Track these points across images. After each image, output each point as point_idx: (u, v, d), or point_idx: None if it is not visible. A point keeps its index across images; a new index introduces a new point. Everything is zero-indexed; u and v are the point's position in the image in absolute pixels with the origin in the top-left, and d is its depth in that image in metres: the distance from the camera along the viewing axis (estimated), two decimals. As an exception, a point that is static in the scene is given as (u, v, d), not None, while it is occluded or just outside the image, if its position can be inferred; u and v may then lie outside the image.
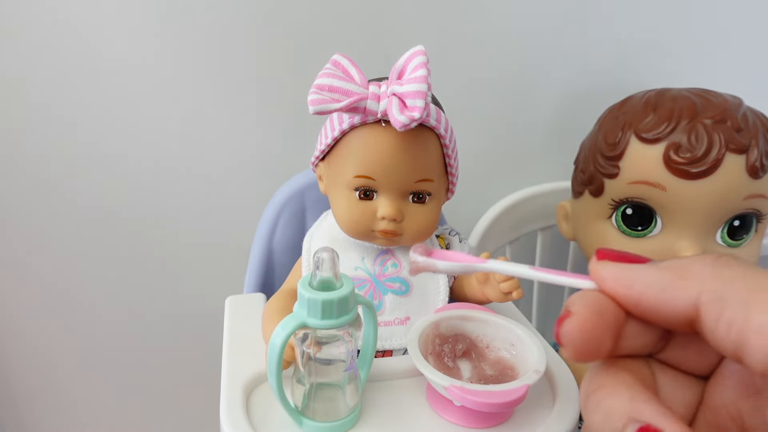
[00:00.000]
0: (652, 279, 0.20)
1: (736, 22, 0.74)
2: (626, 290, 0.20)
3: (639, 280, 0.20)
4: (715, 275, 0.19)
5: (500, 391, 0.33)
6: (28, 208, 0.64)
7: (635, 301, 0.20)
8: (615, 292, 0.20)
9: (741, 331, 0.17)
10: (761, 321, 0.17)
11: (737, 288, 0.18)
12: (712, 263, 0.19)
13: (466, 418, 0.36)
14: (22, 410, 0.76)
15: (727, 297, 0.18)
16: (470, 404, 0.33)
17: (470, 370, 0.38)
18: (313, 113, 0.39)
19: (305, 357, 0.34)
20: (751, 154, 0.49)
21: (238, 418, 0.36)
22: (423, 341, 0.39)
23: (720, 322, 0.18)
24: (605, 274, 0.21)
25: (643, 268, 0.20)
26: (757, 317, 0.17)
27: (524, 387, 0.33)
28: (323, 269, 0.32)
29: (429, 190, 0.44)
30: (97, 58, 0.59)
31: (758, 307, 0.17)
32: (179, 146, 0.65)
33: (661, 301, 0.19)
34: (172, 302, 0.73)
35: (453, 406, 0.36)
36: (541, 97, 0.73)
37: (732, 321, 0.18)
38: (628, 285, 0.20)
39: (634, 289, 0.20)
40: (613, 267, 0.21)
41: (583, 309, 0.20)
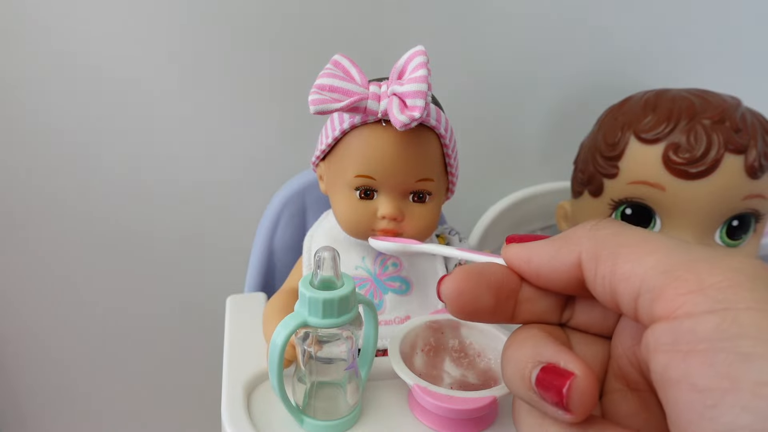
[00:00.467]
0: (544, 250, 0.23)
1: (735, 22, 0.75)
2: (526, 264, 0.23)
3: (534, 254, 0.23)
4: (591, 236, 0.21)
5: (461, 398, 0.33)
6: (31, 207, 0.64)
7: (535, 273, 0.23)
8: (519, 268, 0.24)
9: (611, 282, 0.20)
10: (625, 269, 0.19)
11: (607, 245, 0.20)
12: (590, 227, 0.22)
13: (433, 420, 0.36)
14: (23, 409, 0.76)
15: (599, 254, 0.20)
16: (429, 406, 0.33)
17: (455, 376, 0.38)
18: (314, 113, 0.39)
19: (306, 356, 0.34)
20: (750, 154, 0.49)
21: (239, 417, 0.36)
22: (412, 339, 0.39)
23: (597, 278, 0.21)
24: (510, 254, 0.24)
25: (538, 243, 0.23)
26: (621, 266, 0.19)
27: (489, 398, 0.33)
28: (324, 268, 0.33)
29: (429, 189, 0.44)
30: (97, 59, 0.59)
31: (623, 258, 0.19)
32: (179, 146, 0.65)
33: (553, 268, 0.22)
34: (172, 301, 0.73)
35: (421, 407, 0.36)
36: (541, 97, 0.73)
37: (604, 274, 0.20)
38: (526, 260, 0.23)
39: (533, 263, 0.23)
40: (516, 247, 0.24)
41: (462, 271, 0.23)
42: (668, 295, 0.17)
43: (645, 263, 0.19)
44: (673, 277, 0.18)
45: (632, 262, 0.19)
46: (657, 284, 0.18)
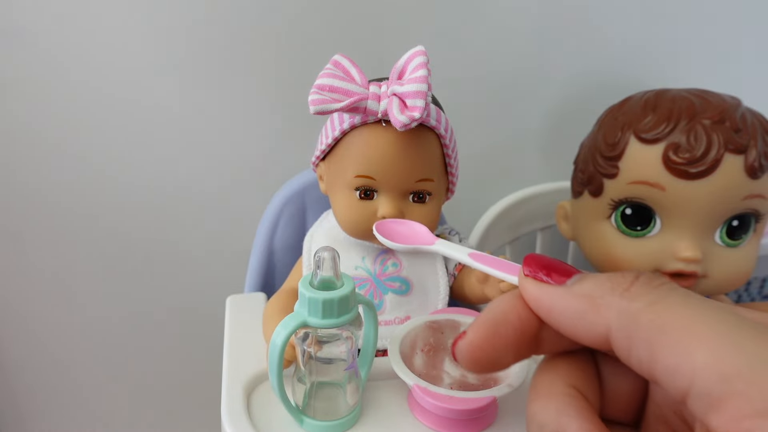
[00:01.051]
0: (567, 308, 0.20)
1: (735, 22, 0.75)
2: (545, 314, 0.21)
3: (555, 308, 0.20)
4: (622, 310, 0.19)
5: (461, 398, 0.33)
6: (27, 205, 0.64)
7: (554, 325, 0.21)
8: (536, 311, 0.21)
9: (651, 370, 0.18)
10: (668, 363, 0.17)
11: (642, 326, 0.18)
12: (621, 294, 0.19)
13: (433, 420, 0.36)
14: (22, 408, 0.76)
15: (633, 336, 0.18)
16: (429, 407, 0.33)
17: (455, 376, 0.38)
18: (314, 113, 0.39)
19: (306, 356, 0.34)
20: (750, 154, 0.49)
21: (239, 417, 0.36)
22: (412, 339, 0.39)
23: (631, 359, 0.18)
24: (527, 294, 0.22)
25: (560, 293, 0.20)
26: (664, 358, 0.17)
27: (489, 398, 0.33)
28: (324, 268, 0.33)
29: (429, 189, 0.44)
30: (97, 60, 0.59)
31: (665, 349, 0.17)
32: (180, 146, 0.65)
33: (577, 330, 0.20)
34: (172, 302, 0.73)
35: (420, 407, 0.36)
36: (541, 97, 0.73)
37: (641, 360, 0.18)
38: (546, 311, 0.21)
39: (552, 316, 0.21)
40: (534, 288, 0.21)
41: (476, 332, 0.21)
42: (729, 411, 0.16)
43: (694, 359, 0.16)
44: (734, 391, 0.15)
45: (677, 356, 0.17)
46: (713, 392, 0.16)
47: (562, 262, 0.22)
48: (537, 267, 0.22)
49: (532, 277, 0.22)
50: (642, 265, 0.54)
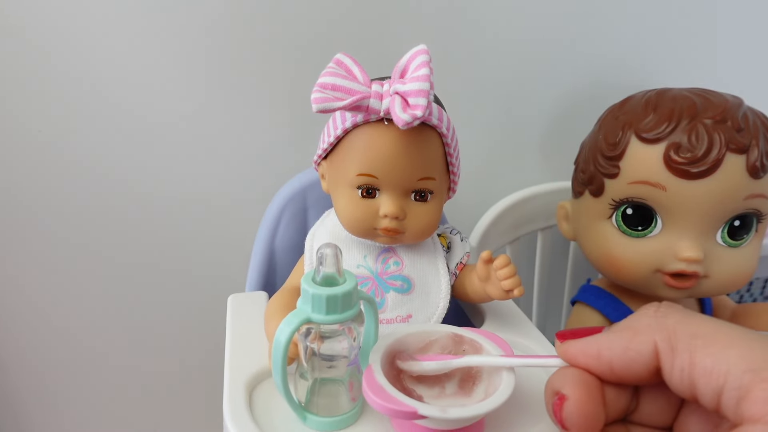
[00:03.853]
0: (613, 343, 0.22)
1: (736, 22, 0.75)
2: (596, 360, 0.22)
3: (603, 348, 0.22)
4: (660, 326, 0.21)
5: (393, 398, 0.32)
6: (27, 205, 0.64)
7: (607, 367, 0.22)
8: (587, 364, 0.23)
9: (691, 376, 0.20)
10: (705, 364, 0.19)
11: (680, 335, 0.20)
12: (653, 315, 0.22)
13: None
14: (21, 408, 0.76)
15: (674, 345, 0.20)
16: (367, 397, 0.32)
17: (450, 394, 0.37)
18: (316, 112, 0.39)
19: (308, 352, 0.34)
20: (752, 154, 0.49)
21: (241, 415, 0.36)
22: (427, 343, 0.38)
23: (674, 370, 0.20)
24: (573, 351, 0.23)
25: (602, 336, 0.22)
26: (701, 360, 0.19)
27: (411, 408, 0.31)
28: (326, 265, 0.33)
29: (431, 188, 0.44)
30: (97, 59, 0.59)
31: (701, 351, 0.19)
32: (181, 146, 0.65)
33: (629, 360, 0.21)
34: (174, 300, 0.73)
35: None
36: (541, 96, 0.73)
37: (682, 367, 0.20)
38: (595, 355, 0.22)
39: (603, 357, 0.22)
40: (579, 343, 0.23)
41: (575, 389, 0.22)
42: (757, 397, 0.18)
43: (727, 358, 0.19)
44: (761, 378, 0.18)
45: (712, 356, 0.19)
46: (743, 383, 0.18)
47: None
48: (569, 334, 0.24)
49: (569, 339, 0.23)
50: (643, 265, 0.54)
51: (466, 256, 0.50)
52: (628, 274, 0.55)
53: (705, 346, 0.19)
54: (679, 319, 0.21)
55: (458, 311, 0.54)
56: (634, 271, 0.55)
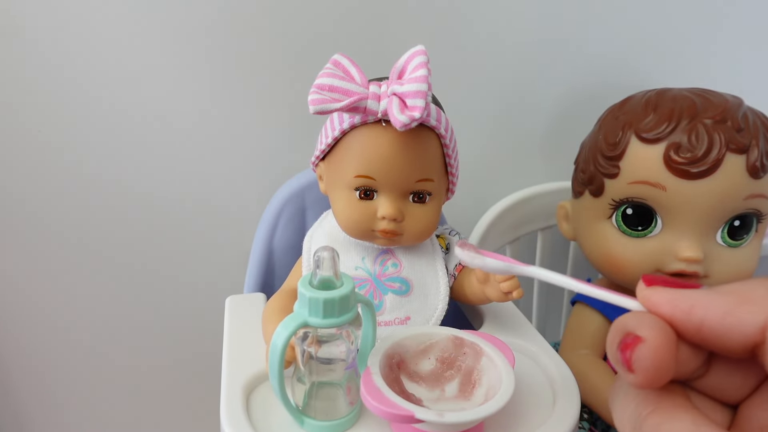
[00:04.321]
0: (713, 303, 0.19)
1: (736, 22, 0.74)
2: (685, 315, 0.19)
3: (698, 305, 0.19)
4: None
5: (391, 401, 0.32)
6: (27, 204, 0.64)
7: (696, 327, 0.19)
8: (672, 317, 0.20)
9: None
10: None
11: None
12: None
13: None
14: (20, 408, 0.76)
15: None
16: (364, 400, 0.32)
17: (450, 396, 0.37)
18: (314, 113, 0.39)
19: (306, 356, 0.34)
20: (752, 154, 0.49)
21: (238, 418, 0.36)
22: (427, 346, 0.38)
23: None
24: (659, 299, 0.20)
25: (700, 292, 0.19)
26: None
27: (408, 412, 0.31)
28: (324, 268, 0.32)
29: (429, 189, 0.44)
30: (97, 59, 0.59)
31: None
32: (179, 146, 0.65)
33: (726, 326, 0.19)
34: (171, 302, 0.73)
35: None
36: (541, 97, 0.73)
37: None
38: (686, 310, 0.19)
39: (694, 315, 0.19)
40: (667, 292, 0.20)
41: (655, 333, 0.19)
42: None
43: None
44: None
45: None
46: None
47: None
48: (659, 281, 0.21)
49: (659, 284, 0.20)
50: (643, 265, 0.54)
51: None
52: (628, 274, 0.55)
53: None
54: None
55: (457, 313, 0.54)
56: (634, 271, 0.55)
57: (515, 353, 0.39)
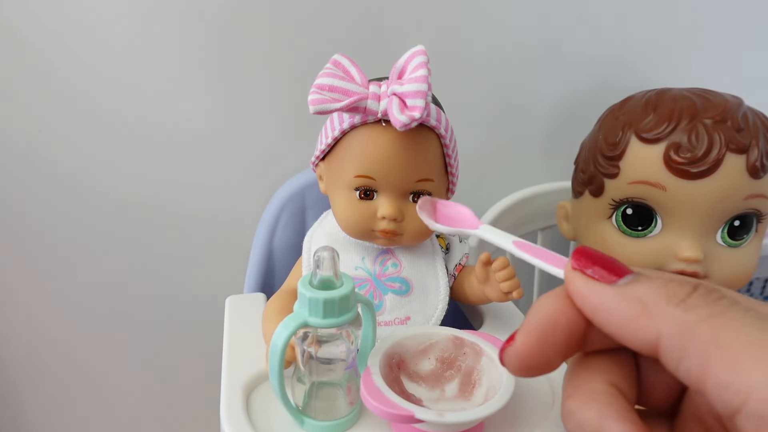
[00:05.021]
0: (615, 309, 0.19)
1: (736, 22, 0.74)
2: (591, 313, 0.20)
3: (602, 308, 0.20)
4: (677, 319, 0.18)
5: (391, 401, 0.32)
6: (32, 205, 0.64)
7: (599, 325, 0.20)
8: (581, 308, 0.20)
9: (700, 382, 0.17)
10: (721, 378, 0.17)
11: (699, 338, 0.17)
12: (677, 304, 0.18)
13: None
14: (19, 409, 0.76)
15: (686, 346, 0.18)
16: (364, 400, 0.32)
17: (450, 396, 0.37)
18: (314, 113, 0.39)
19: (306, 356, 0.34)
20: (752, 154, 0.49)
21: (238, 418, 0.36)
22: (426, 346, 0.38)
23: (679, 369, 0.18)
24: (574, 289, 0.21)
25: (610, 293, 0.20)
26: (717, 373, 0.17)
27: (408, 412, 0.31)
28: (323, 268, 0.32)
29: (429, 189, 0.44)
30: (98, 58, 0.59)
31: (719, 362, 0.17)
32: (179, 146, 0.65)
33: (623, 334, 0.19)
34: (171, 302, 0.73)
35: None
36: (541, 97, 0.73)
37: (690, 370, 0.18)
38: (592, 309, 0.20)
39: (598, 315, 0.20)
40: (582, 284, 0.20)
41: (525, 338, 0.21)
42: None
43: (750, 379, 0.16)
44: None
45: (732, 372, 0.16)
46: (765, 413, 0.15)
47: (614, 258, 0.21)
48: (587, 261, 0.21)
49: (580, 272, 0.21)
50: (643, 265, 0.54)
51: (465, 258, 0.49)
52: (628, 275, 0.55)
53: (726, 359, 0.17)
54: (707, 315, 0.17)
55: (457, 313, 0.54)
56: (634, 272, 0.55)
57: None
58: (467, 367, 0.38)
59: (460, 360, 0.38)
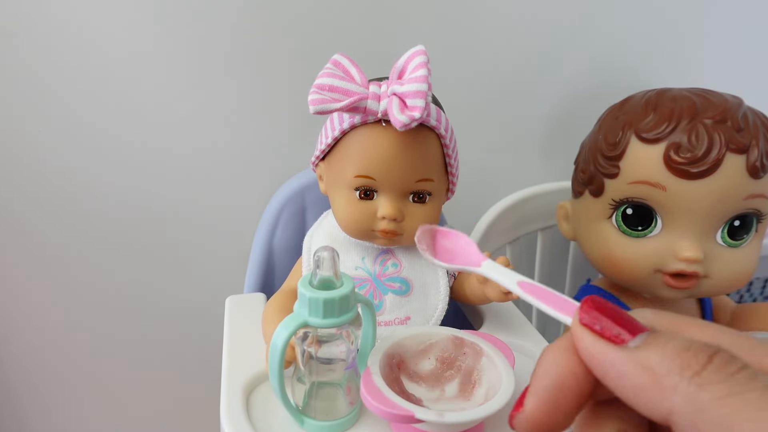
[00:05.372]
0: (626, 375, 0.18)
1: (737, 21, 0.74)
2: (600, 374, 0.19)
3: (612, 371, 0.18)
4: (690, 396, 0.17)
5: (391, 401, 0.32)
6: (31, 205, 0.64)
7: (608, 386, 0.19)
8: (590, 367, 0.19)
9: None
10: None
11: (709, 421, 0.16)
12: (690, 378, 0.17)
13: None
14: (19, 409, 0.76)
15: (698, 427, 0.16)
16: (364, 400, 0.32)
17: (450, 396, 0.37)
18: (314, 113, 0.39)
19: (306, 356, 0.34)
20: (752, 154, 0.49)
21: (238, 418, 0.36)
22: (426, 346, 0.38)
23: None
24: (581, 346, 0.20)
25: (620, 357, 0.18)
26: None
27: (408, 412, 0.31)
28: (323, 268, 0.32)
29: (429, 189, 0.44)
30: (98, 57, 0.59)
31: None
32: (179, 146, 0.65)
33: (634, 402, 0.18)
34: (172, 302, 0.73)
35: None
36: (541, 96, 0.73)
37: None
38: (599, 371, 0.19)
39: (608, 378, 0.19)
40: (590, 342, 0.19)
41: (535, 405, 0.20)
42: None
43: None
44: None
45: None
46: None
47: (625, 312, 0.20)
48: (596, 315, 0.20)
49: (588, 328, 0.19)
50: (643, 265, 0.54)
51: (465, 258, 0.49)
52: (628, 274, 0.55)
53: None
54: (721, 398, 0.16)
55: (457, 313, 0.54)
56: (634, 271, 0.55)
57: (515, 353, 0.39)
58: (467, 367, 0.38)
59: (460, 360, 0.38)
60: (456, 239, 0.34)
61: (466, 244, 0.33)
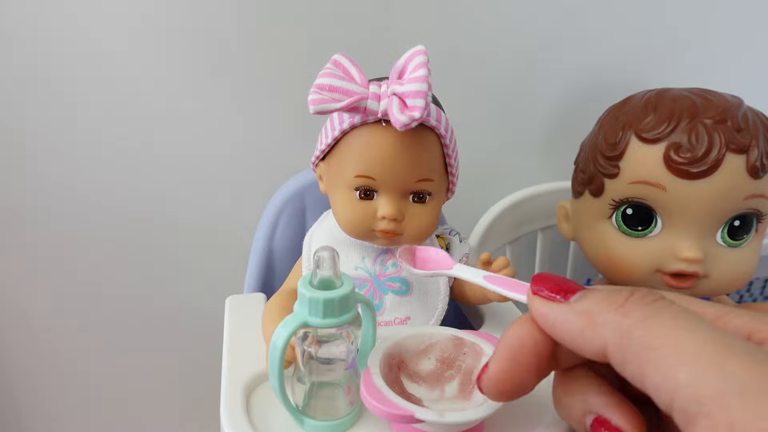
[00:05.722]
0: (568, 323, 0.21)
1: (737, 22, 0.74)
2: (551, 331, 0.22)
3: (558, 324, 0.22)
4: (616, 325, 0.19)
5: (391, 401, 0.32)
6: (31, 205, 0.64)
7: (559, 340, 0.22)
8: (543, 327, 0.22)
9: (642, 384, 0.19)
10: (654, 381, 0.18)
11: (633, 342, 0.19)
12: (616, 310, 0.20)
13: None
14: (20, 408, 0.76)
15: (625, 352, 0.19)
16: (364, 400, 0.32)
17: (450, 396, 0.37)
18: (314, 113, 0.39)
19: (306, 356, 0.34)
20: (752, 154, 0.48)
21: (238, 418, 0.36)
22: (427, 346, 0.38)
23: (625, 373, 0.19)
24: (535, 311, 0.23)
25: (563, 310, 0.22)
26: (650, 376, 0.18)
27: (408, 412, 0.31)
28: (323, 268, 0.32)
29: (429, 189, 0.44)
30: (98, 57, 0.59)
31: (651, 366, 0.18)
32: (179, 146, 0.65)
33: (578, 346, 0.21)
34: (171, 302, 0.73)
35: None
36: (541, 96, 0.73)
37: (633, 375, 0.19)
38: (550, 327, 0.22)
39: (557, 332, 0.22)
40: (540, 305, 0.23)
41: (498, 364, 0.23)
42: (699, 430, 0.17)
43: (676, 378, 0.17)
44: (704, 413, 0.16)
45: (661, 374, 0.18)
46: (690, 411, 0.17)
47: (569, 279, 0.23)
48: (543, 285, 0.23)
49: (538, 295, 0.23)
50: (643, 265, 0.54)
51: (465, 258, 0.49)
52: (628, 275, 0.55)
53: (657, 360, 0.18)
54: (640, 318, 0.19)
55: (457, 313, 0.54)
56: (634, 272, 0.55)
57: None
58: (467, 367, 0.38)
59: (460, 360, 0.38)
60: (430, 251, 0.40)
61: (436, 254, 0.39)
